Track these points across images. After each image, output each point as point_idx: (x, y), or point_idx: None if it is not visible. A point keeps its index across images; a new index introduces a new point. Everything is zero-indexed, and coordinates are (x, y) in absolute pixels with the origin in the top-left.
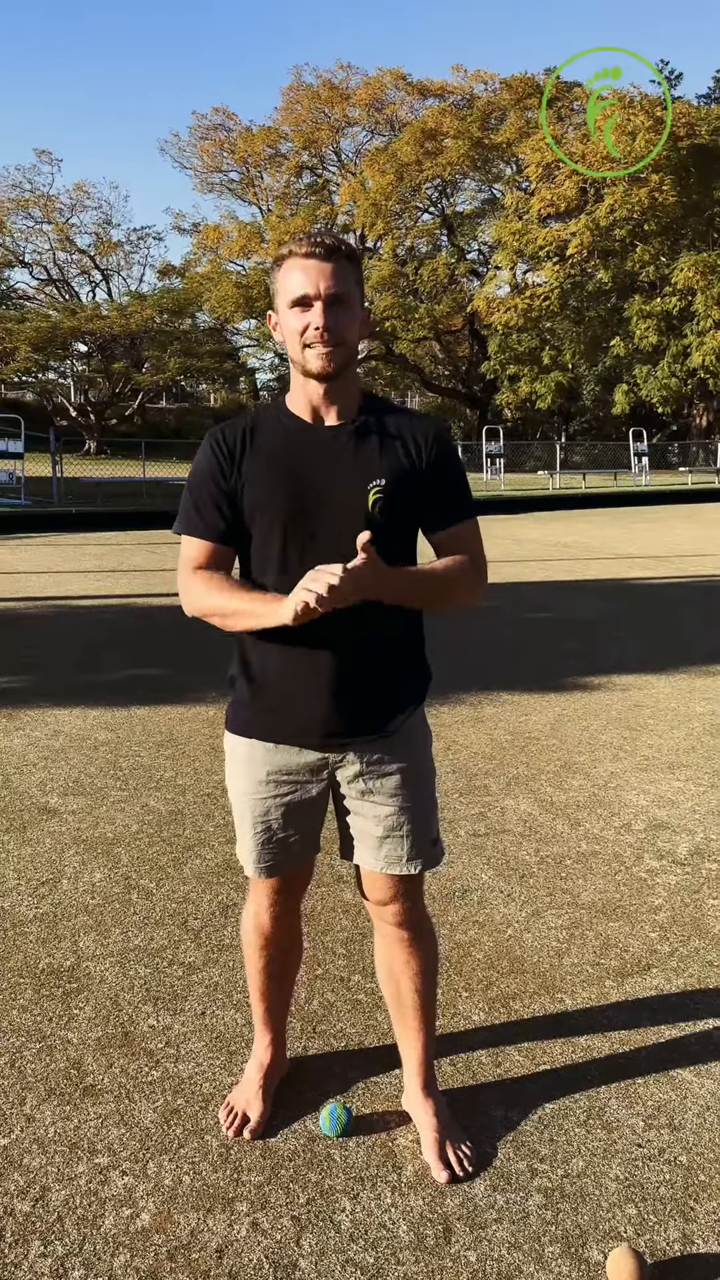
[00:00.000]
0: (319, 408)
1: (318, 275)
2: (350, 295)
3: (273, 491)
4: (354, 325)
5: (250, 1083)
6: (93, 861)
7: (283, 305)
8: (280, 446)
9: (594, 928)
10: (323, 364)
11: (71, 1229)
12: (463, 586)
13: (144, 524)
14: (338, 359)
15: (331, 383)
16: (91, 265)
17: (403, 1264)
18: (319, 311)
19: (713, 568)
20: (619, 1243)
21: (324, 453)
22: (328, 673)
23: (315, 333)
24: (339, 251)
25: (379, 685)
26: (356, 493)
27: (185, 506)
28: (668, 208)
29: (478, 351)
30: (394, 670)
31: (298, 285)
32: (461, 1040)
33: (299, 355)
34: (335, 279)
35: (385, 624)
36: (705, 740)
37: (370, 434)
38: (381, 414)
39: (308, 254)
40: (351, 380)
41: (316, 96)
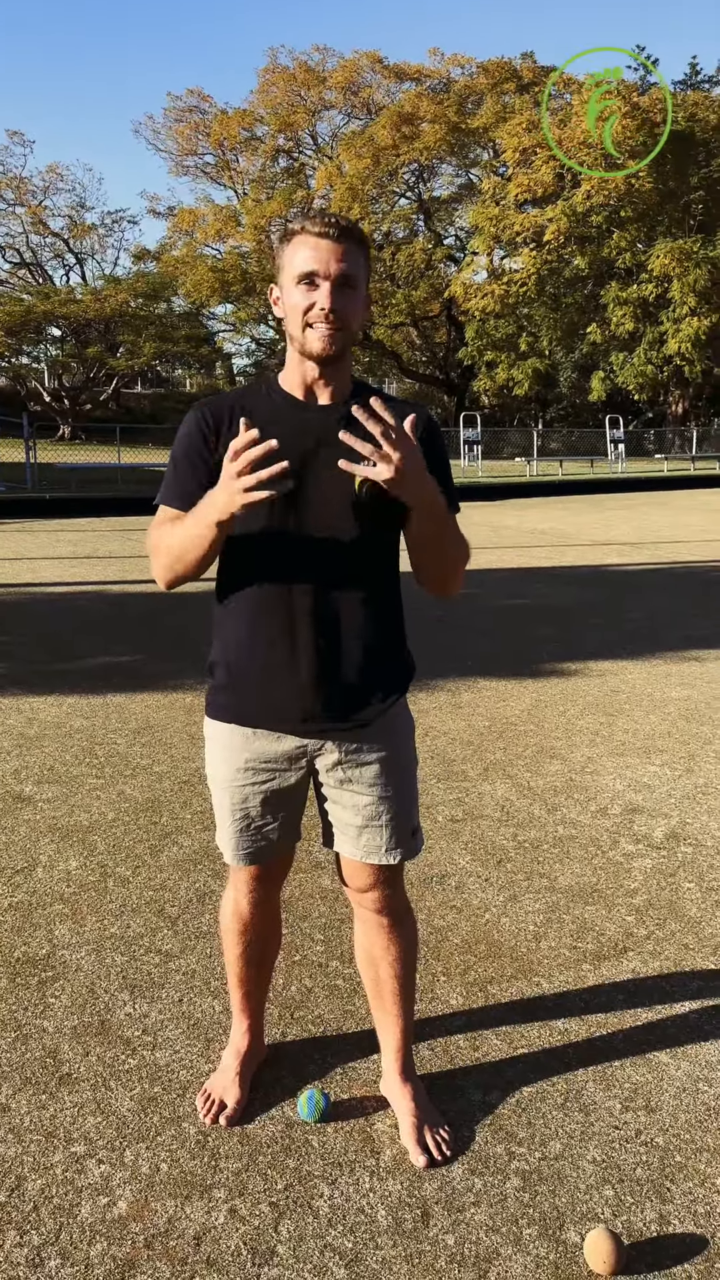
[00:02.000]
0: (313, 387)
1: (329, 255)
2: (358, 279)
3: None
4: (358, 310)
5: (228, 1069)
6: (68, 850)
7: (288, 281)
8: (268, 423)
9: (571, 912)
10: (324, 345)
11: (48, 1218)
12: (456, 559)
13: (119, 510)
14: (339, 342)
15: (328, 365)
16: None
17: (381, 1248)
18: (326, 292)
19: (687, 554)
20: (596, 1224)
21: (313, 432)
22: (306, 657)
23: (320, 313)
24: (351, 234)
25: (357, 673)
26: (343, 474)
27: (166, 477)
28: (644, 194)
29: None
30: (373, 658)
31: (306, 261)
32: (439, 1025)
33: (299, 333)
34: (346, 261)
35: (365, 611)
36: (680, 725)
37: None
38: (372, 398)
39: (321, 233)
40: (347, 364)
41: (292, 79)
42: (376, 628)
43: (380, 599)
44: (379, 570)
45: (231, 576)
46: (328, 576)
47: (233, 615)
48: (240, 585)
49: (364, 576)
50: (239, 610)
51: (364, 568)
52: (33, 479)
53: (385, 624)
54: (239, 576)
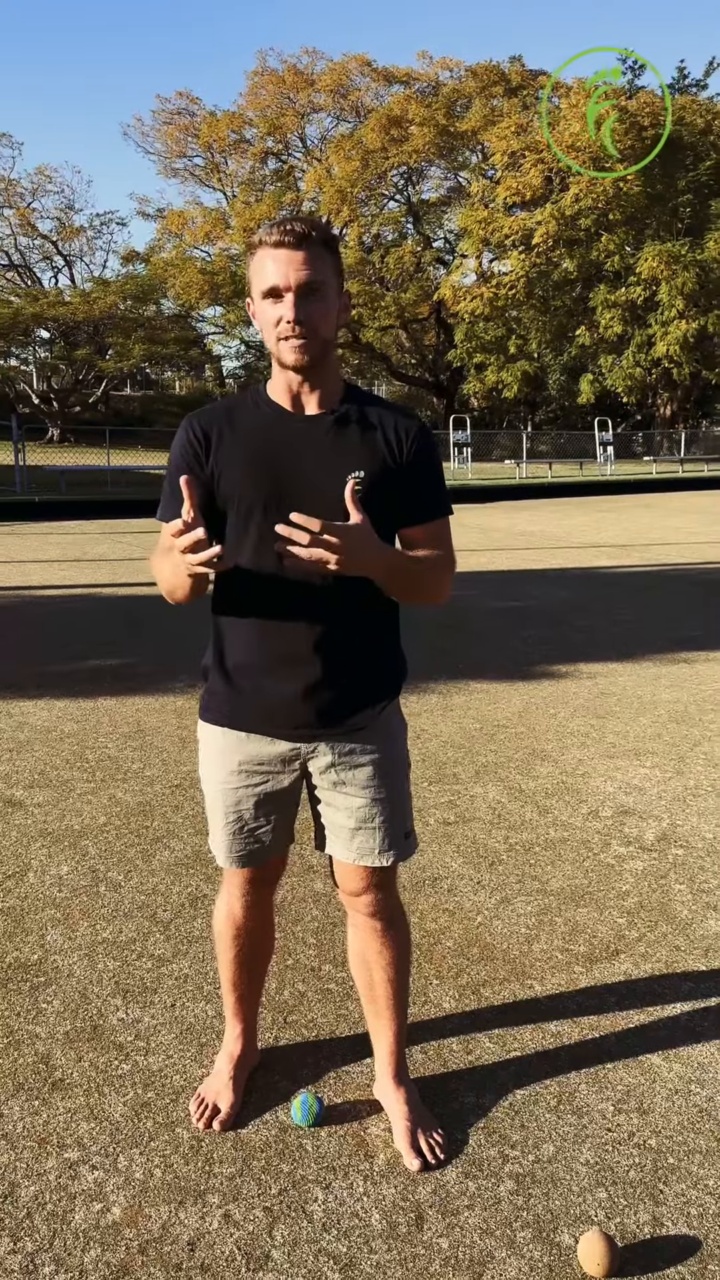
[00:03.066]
0: (299, 395)
1: (288, 265)
2: (324, 283)
3: (247, 479)
4: (329, 314)
5: (221, 1074)
6: (60, 854)
7: (256, 295)
8: (257, 433)
9: (563, 914)
10: (296, 357)
11: (41, 1225)
12: (439, 581)
13: (109, 513)
14: (311, 350)
15: (308, 373)
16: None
17: (375, 1253)
18: (290, 304)
19: (676, 556)
20: (590, 1227)
21: (302, 441)
22: (300, 663)
23: (287, 325)
24: (310, 238)
25: (351, 677)
26: (334, 483)
27: (164, 493)
28: (632, 198)
29: (444, 340)
30: (367, 663)
31: (269, 276)
32: (432, 1028)
33: (274, 347)
34: (307, 268)
35: (360, 614)
36: (670, 727)
37: (350, 424)
38: (363, 405)
39: (277, 243)
40: (331, 368)
41: (281, 82)
42: (369, 633)
43: (373, 604)
44: None
45: (227, 583)
46: (319, 584)
47: (227, 621)
48: (234, 592)
49: (356, 583)
50: (234, 617)
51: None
52: (22, 482)
53: (378, 629)
54: (234, 583)
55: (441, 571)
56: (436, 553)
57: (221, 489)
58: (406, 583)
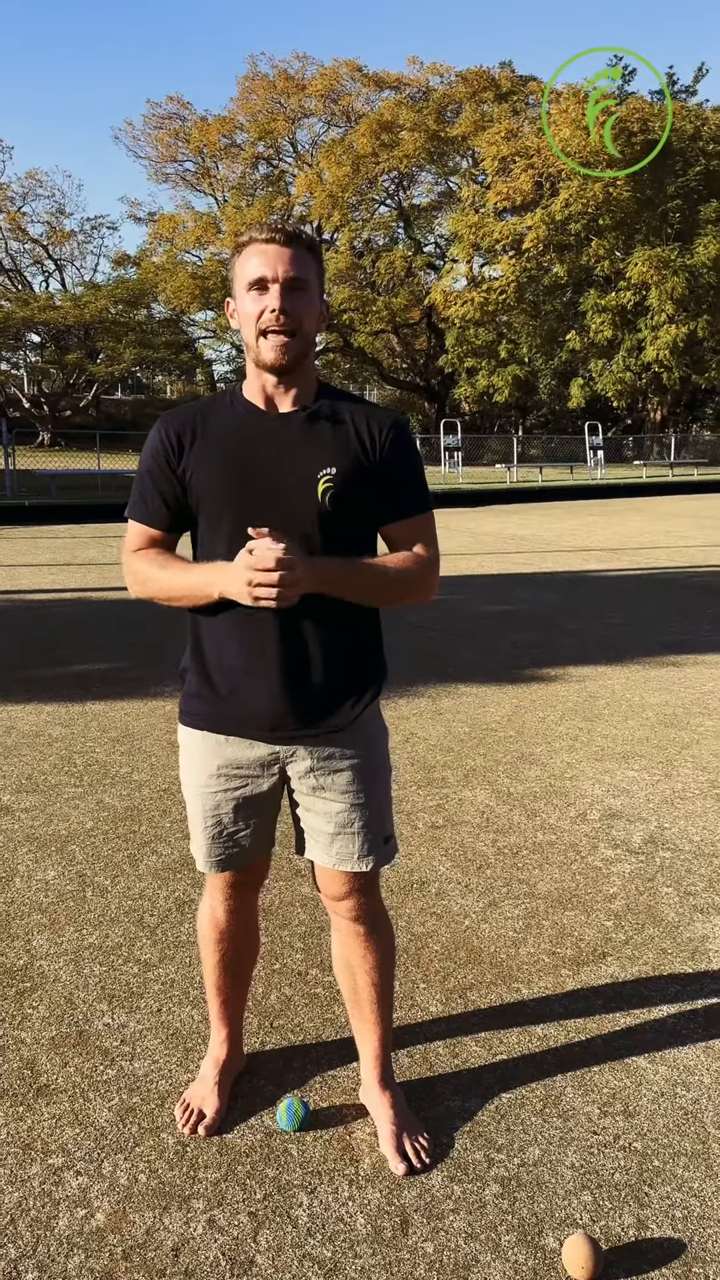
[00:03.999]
0: (273, 396)
1: (276, 259)
2: (308, 284)
3: (220, 479)
4: (311, 314)
5: (206, 1079)
6: (46, 859)
7: (240, 290)
8: (230, 433)
9: (550, 917)
10: (276, 355)
11: (25, 1231)
12: (415, 582)
13: (99, 517)
14: (293, 349)
15: (284, 375)
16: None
17: (360, 1257)
18: (275, 294)
19: (665, 560)
20: (575, 1230)
21: (274, 440)
22: (276, 664)
23: (271, 315)
24: (299, 239)
25: (328, 680)
26: (306, 481)
27: (134, 491)
28: (622, 203)
29: (435, 345)
30: (345, 665)
31: (255, 268)
32: (418, 1031)
33: (254, 343)
34: (294, 264)
35: (339, 618)
36: (659, 730)
37: (321, 421)
38: (336, 402)
39: (268, 239)
40: (307, 369)
41: (272, 87)
42: (347, 633)
43: (350, 604)
44: None
45: None
46: None
47: (205, 623)
48: None
49: None
50: (211, 618)
51: None
52: (12, 486)
53: (357, 629)
54: None
55: (423, 570)
56: (416, 551)
57: (194, 489)
58: (374, 592)
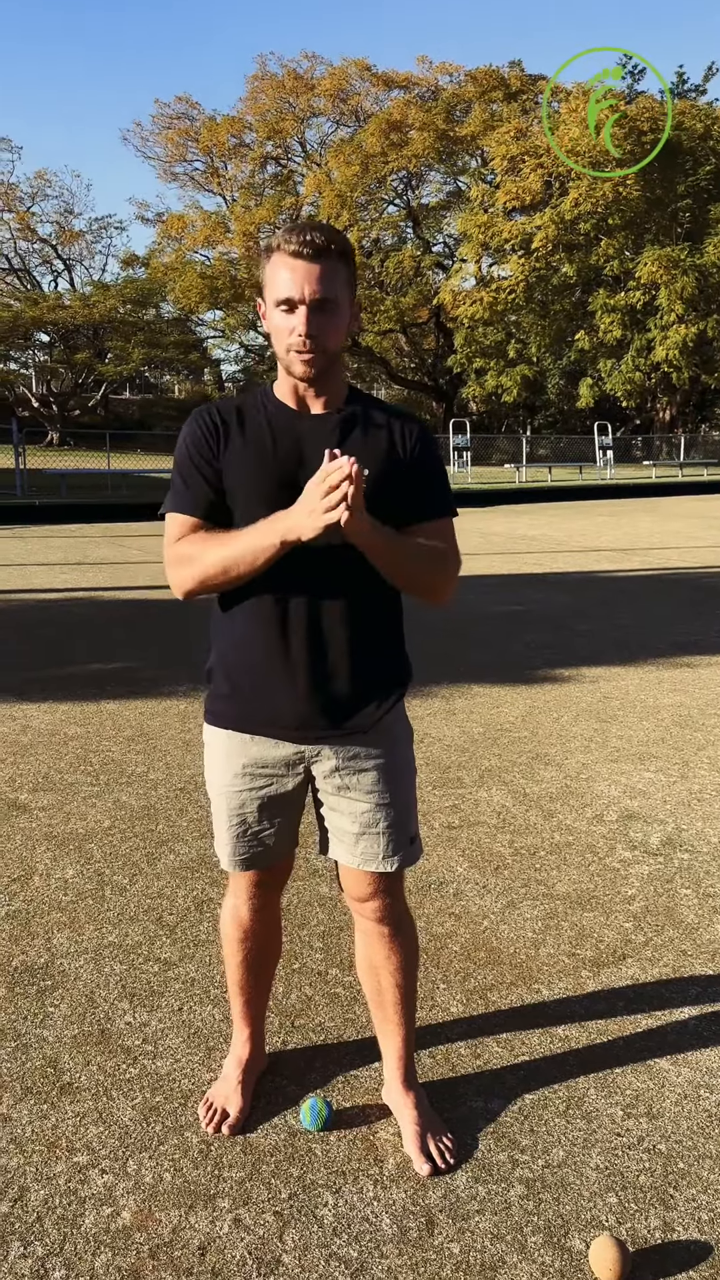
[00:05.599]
0: (304, 396)
1: (304, 278)
2: (337, 298)
3: (255, 476)
4: (339, 329)
5: (229, 1078)
6: (64, 858)
7: (269, 301)
8: (265, 431)
9: (569, 918)
10: (304, 369)
11: (51, 1229)
12: (439, 571)
13: (109, 516)
14: (319, 364)
15: (314, 383)
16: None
17: (386, 1257)
18: (303, 318)
19: (676, 560)
20: (601, 1231)
21: (308, 440)
22: (302, 665)
23: (298, 339)
24: (329, 251)
25: (354, 680)
26: None
27: (173, 485)
28: (632, 202)
29: (444, 344)
30: (370, 665)
31: (283, 287)
32: (440, 1032)
33: (283, 356)
34: (322, 282)
35: (363, 618)
36: (674, 731)
37: (355, 424)
38: (367, 406)
39: (295, 253)
40: (337, 372)
41: (281, 86)
42: (373, 633)
43: (377, 604)
44: (375, 577)
45: None
46: (323, 583)
47: (230, 622)
48: (239, 593)
49: (360, 582)
50: (236, 617)
51: (359, 574)
52: (22, 485)
53: (382, 629)
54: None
55: (443, 565)
56: (442, 547)
57: (228, 484)
58: (402, 562)
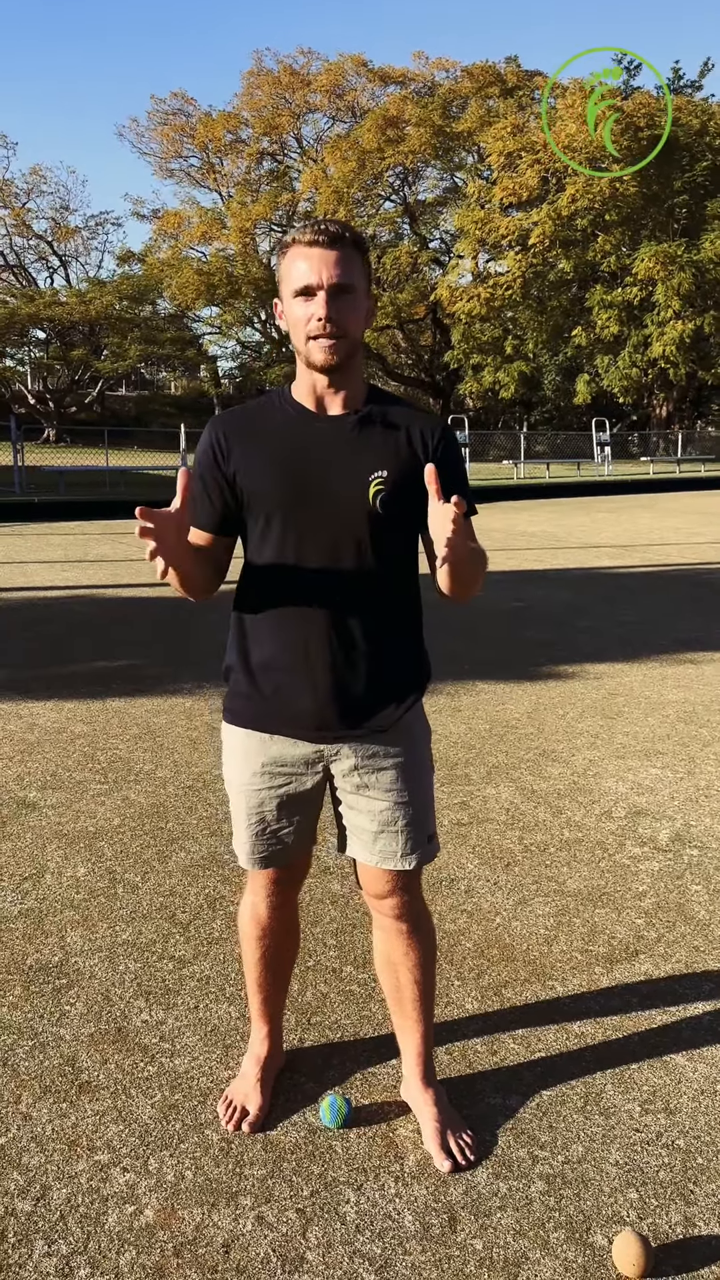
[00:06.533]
0: (323, 397)
1: (320, 264)
2: (354, 285)
3: (269, 479)
4: (358, 316)
5: (248, 1076)
6: (75, 856)
7: (287, 294)
8: (281, 434)
9: (581, 915)
10: (325, 356)
11: (75, 1227)
12: (483, 573)
13: (109, 513)
14: (340, 350)
15: (334, 373)
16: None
17: (410, 1254)
18: (321, 301)
19: (676, 556)
20: (622, 1227)
21: (325, 442)
22: (323, 664)
23: (318, 324)
24: (344, 239)
25: (374, 680)
26: (357, 484)
27: None
28: (628, 198)
29: (441, 340)
30: (389, 666)
31: (301, 275)
32: (456, 1029)
33: (303, 346)
34: (339, 268)
35: (383, 614)
36: (679, 727)
37: (374, 425)
38: (386, 406)
39: (311, 242)
40: (356, 370)
41: (277, 82)
42: (393, 635)
43: (396, 605)
44: (395, 577)
45: (250, 585)
46: (343, 585)
47: (251, 622)
48: (258, 593)
49: (380, 584)
50: (257, 618)
51: (380, 575)
52: (21, 482)
53: (402, 630)
54: (257, 585)
55: (485, 566)
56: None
57: (243, 489)
58: (474, 566)
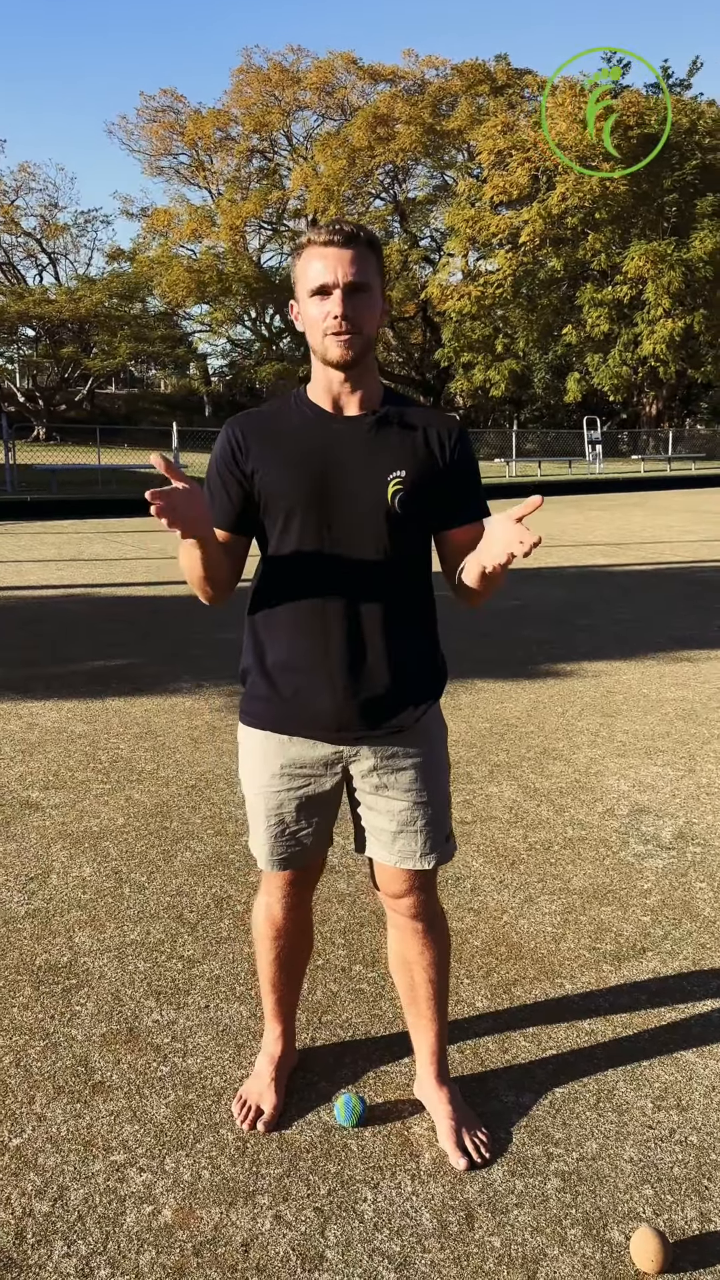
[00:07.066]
0: (339, 397)
1: (336, 263)
2: (370, 284)
3: (287, 480)
4: (373, 314)
5: (262, 1075)
6: (80, 856)
7: (303, 294)
8: (299, 434)
9: (587, 913)
10: (341, 352)
11: (93, 1227)
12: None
13: (102, 512)
14: (356, 347)
15: (351, 371)
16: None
17: (429, 1251)
18: (337, 299)
19: (670, 554)
20: (639, 1223)
21: (343, 442)
22: (342, 664)
23: (334, 321)
24: (358, 239)
25: (394, 680)
26: (375, 484)
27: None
28: (618, 197)
29: (431, 339)
30: (408, 665)
31: (317, 274)
32: (467, 1027)
33: (319, 344)
34: (354, 266)
35: (401, 614)
36: (678, 725)
37: (391, 426)
38: (403, 407)
39: (326, 242)
40: (371, 370)
41: (267, 79)
42: (411, 635)
43: (414, 605)
44: (412, 577)
45: (267, 586)
46: (361, 585)
47: (268, 624)
48: (275, 594)
49: (397, 584)
50: (274, 619)
51: (397, 575)
52: (12, 481)
53: (419, 630)
54: (274, 586)
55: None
56: None
57: (261, 490)
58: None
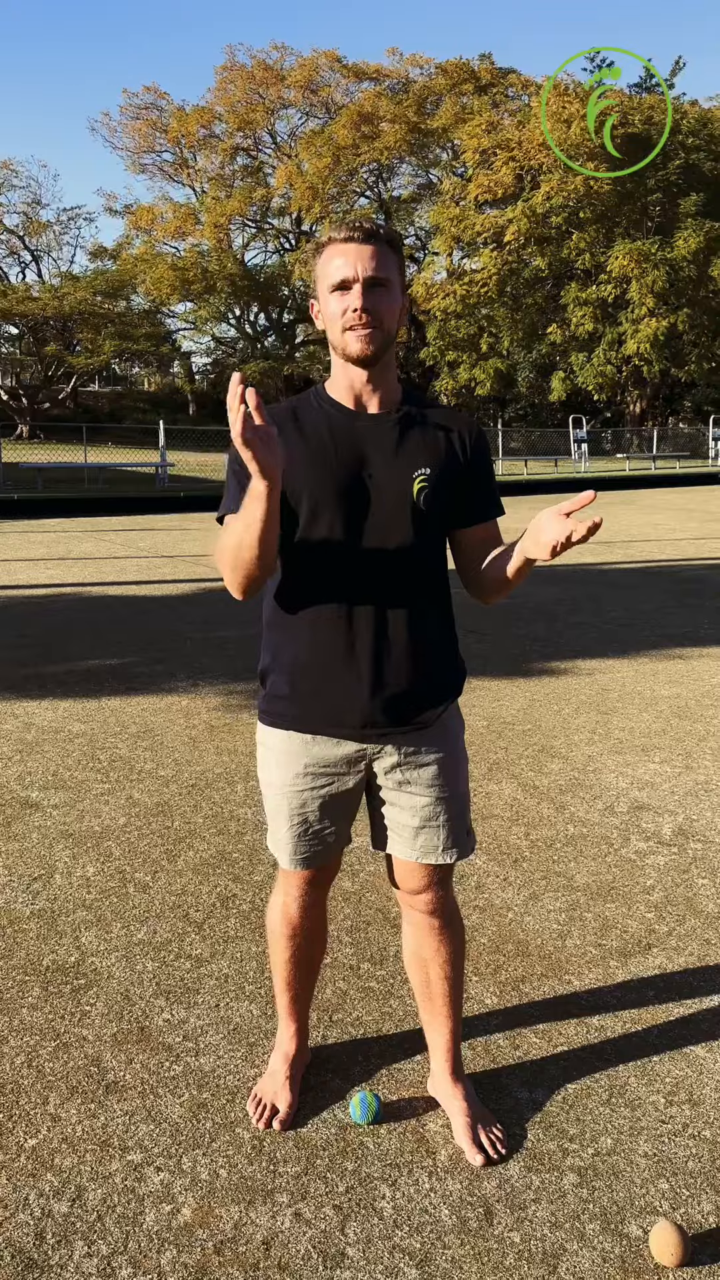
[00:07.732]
0: (360, 394)
1: (356, 258)
2: (390, 280)
3: (316, 476)
4: (393, 309)
5: (276, 1074)
6: (84, 855)
7: (323, 291)
8: (324, 431)
9: (591, 909)
10: (362, 346)
11: (113, 1227)
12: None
13: (90, 510)
14: (376, 341)
15: (371, 368)
16: (21, 246)
17: (449, 1248)
18: (358, 293)
19: (658, 553)
20: (657, 1218)
21: (368, 439)
22: (365, 664)
23: (354, 315)
24: (378, 235)
25: (417, 677)
26: (401, 481)
27: (226, 489)
28: (603, 196)
29: (416, 337)
30: (431, 662)
31: (338, 270)
32: (478, 1024)
33: (339, 339)
34: (375, 262)
35: (422, 611)
36: (674, 723)
37: (414, 424)
38: (424, 407)
39: (347, 238)
40: (391, 368)
41: (251, 77)
42: (434, 631)
43: (435, 601)
44: (433, 574)
45: (288, 584)
46: (385, 582)
47: (290, 623)
48: (297, 592)
49: (420, 581)
50: (296, 617)
51: (420, 572)
52: None
53: (441, 627)
54: (296, 584)
55: None
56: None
57: (287, 485)
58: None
